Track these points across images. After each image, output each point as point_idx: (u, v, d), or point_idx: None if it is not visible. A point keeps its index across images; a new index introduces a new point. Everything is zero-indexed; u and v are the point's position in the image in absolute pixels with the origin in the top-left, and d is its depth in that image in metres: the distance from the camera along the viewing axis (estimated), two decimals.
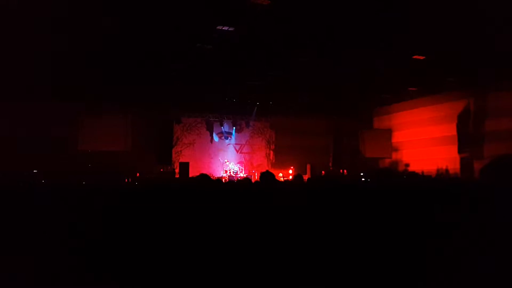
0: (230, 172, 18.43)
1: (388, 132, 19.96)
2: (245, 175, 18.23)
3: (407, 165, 18.78)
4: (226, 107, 18.53)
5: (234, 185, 6.81)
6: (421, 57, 12.08)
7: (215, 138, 19.36)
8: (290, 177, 18.72)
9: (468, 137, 15.74)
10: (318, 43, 11.03)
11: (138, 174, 15.84)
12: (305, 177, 11.31)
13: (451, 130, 16.41)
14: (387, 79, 14.66)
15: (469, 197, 1.97)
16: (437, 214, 2.31)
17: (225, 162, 18.90)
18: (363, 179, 14.62)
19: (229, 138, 19.61)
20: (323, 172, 18.96)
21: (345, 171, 19.54)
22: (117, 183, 10.45)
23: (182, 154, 18.55)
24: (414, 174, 4.03)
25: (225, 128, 19.49)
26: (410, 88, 16.48)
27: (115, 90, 15.49)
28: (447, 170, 16.44)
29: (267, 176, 4.18)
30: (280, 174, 18.40)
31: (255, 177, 18.15)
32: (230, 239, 2.51)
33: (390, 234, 2.20)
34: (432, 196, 3.08)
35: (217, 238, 2.52)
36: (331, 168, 20.05)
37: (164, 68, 13.38)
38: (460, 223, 1.72)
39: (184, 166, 16.85)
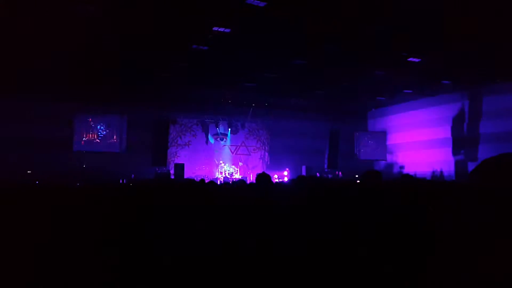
0: (225, 174, 18.41)
1: (383, 134, 20.03)
2: (240, 177, 18.21)
3: (402, 167, 18.86)
4: (222, 108, 18.52)
5: (229, 187, 6.81)
6: (417, 60, 12.15)
7: (211, 139, 19.34)
8: (286, 178, 18.73)
9: (462, 140, 15.83)
10: (313, 45, 11.07)
11: (133, 175, 15.79)
12: None
13: (446, 132, 16.50)
14: (383, 81, 14.73)
15: (456, 198, 1.99)
16: (423, 215, 2.32)
17: (220, 163, 18.87)
18: (357, 181, 14.65)
19: (224, 139, 19.58)
20: (317, 174, 18.99)
21: (340, 173, 19.59)
22: (112, 184, 10.42)
23: (177, 155, 18.51)
24: (408, 176, 4.05)
25: (221, 129, 19.46)
26: (405, 91, 16.56)
27: (111, 91, 15.45)
28: (441, 172, 16.52)
29: (263, 178, 4.18)
30: (276, 176, 18.40)
31: (250, 178, 18.14)
32: (223, 241, 2.51)
33: (379, 235, 2.21)
34: (420, 197, 3.10)
35: (210, 240, 2.52)
36: (326, 170, 20.08)
37: (160, 69, 13.37)
38: (447, 225, 1.74)
39: (179, 167, 16.80)
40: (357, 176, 17.11)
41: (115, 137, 16.79)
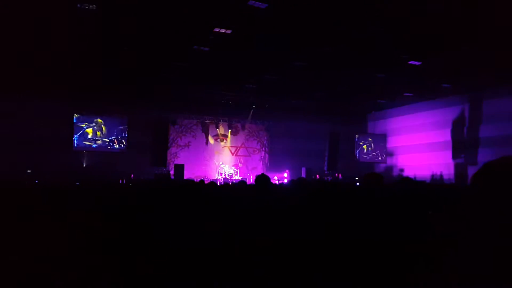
0: (225, 175, 18.40)
1: (383, 136, 20.04)
2: (240, 178, 18.21)
3: (401, 170, 18.86)
4: (222, 109, 18.53)
5: (229, 188, 6.81)
6: (417, 63, 12.16)
7: (211, 140, 19.34)
8: (285, 180, 18.73)
9: (462, 143, 15.84)
10: (314, 48, 11.08)
11: (132, 176, 15.78)
12: None
13: (446, 135, 16.50)
14: (383, 84, 14.74)
15: (458, 202, 1.99)
16: (423, 219, 2.32)
17: (220, 164, 18.86)
18: (357, 183, 14.66)
19: (224, 140, 19.59)
20: (317, 176, 18.99)
21: (339, 175, 19.57)
22: (112, 184, 10.42)
23: (177, 156, 18.50)
24: (407, 179, 4.04)
25: (221, 130, 19.48)
26: (406, 94, 16.57)
27: (111, 91, 15.46)
28: (441, 176, 16.53)
29: (262, 179, 4.18)
30: (275, 177, 18.39)
31: (250, 180, 18.13)
32: (222, 242, 2.51)
33: (378, 238, 2.21)
34: (421, 201, 3.10)
35: (209, 241, 2.52)
36: (325, 171, 20.08)
37: (160, 70, 13.38)
38: (447, 228, 1.74)
39: (179, 168, 16.79)
40: (357, 178, 17.11)
41: (115, 137, 16.78)
